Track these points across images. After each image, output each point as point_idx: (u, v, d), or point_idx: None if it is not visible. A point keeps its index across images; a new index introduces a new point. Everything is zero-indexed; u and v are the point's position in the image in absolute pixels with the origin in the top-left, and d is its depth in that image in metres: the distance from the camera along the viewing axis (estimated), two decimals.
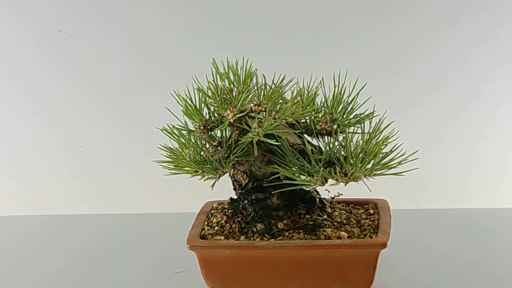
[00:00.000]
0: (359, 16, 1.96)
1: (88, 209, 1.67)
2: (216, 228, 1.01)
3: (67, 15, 1.92)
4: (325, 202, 1.04)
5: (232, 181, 1.02)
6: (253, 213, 0.99)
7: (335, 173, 0.93)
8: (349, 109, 1.01)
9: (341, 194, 1.10)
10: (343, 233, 0.97)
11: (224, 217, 1.03)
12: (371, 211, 1.06)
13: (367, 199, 1.11)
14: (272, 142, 0.91)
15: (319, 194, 1.04)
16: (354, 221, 1.02)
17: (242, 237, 0.98)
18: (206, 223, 1.03)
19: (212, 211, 1.07)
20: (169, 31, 1.94)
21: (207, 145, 0.96)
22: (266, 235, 0.97)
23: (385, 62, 1.99)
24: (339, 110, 1.01)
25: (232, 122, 0.93)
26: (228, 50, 1.04)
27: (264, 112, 0.94)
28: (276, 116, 0.93)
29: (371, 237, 0.96)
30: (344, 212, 1.04)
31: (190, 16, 1.93)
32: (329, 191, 1.09)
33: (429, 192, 1.99)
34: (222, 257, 0.96)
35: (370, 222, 1.02)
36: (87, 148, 1.96)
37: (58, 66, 1.93)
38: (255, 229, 0.98)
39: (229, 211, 1.03)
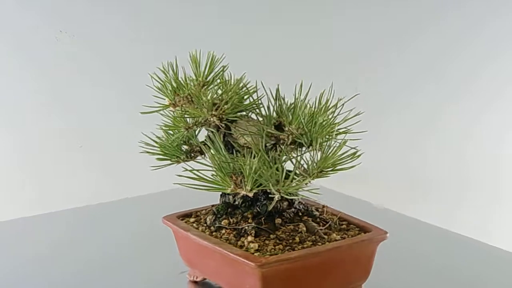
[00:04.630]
0: None
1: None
2: (204, 211, 1.08)
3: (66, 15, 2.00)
4: (288, 214, 0.98)
5: None
6: (217, 205, 1.03)
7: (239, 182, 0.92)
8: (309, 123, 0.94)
9: (340, 213, 1.03)
10: (254, 244, 0.93)
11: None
12: (343, 237, 0.96)
13: (372, 226, 0.99)
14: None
15: (292, 205, 0.99)
16: (298, 240, 0.95)
17: (195, 224, 1.03)
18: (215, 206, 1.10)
19: None
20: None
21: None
22: (212, 227, 1.00)
23: None
24: (294, 124, 0.95)
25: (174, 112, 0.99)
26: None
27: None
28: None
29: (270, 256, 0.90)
30: (305, 229, 0.97)
31: None
32: (326, 207, 1.03)
33: None
34: (181, 237, 1.04)
35: (309, 244, 0.94)
36: None
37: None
38: (206, 220, 1.02)
39: None
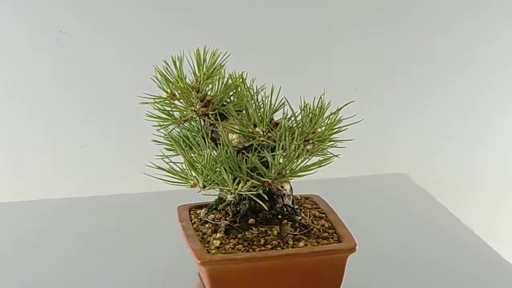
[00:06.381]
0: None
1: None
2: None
3: (66, 15, 1.91)
4: (266, 216, 0.98)
5: None
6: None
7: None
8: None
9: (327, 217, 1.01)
10: (216, 242, 0.95)
11: None
12: (313, 245, 0.95)
13: (348, 236, 0.97)
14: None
15: (274, 206, 0.99)
16: (262, 242, 0.95)
17: (194, 215, 1.07)
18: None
19: None
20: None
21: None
22: (202, 220, 1.04)
23: None
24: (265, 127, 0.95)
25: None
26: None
27: None
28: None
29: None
30: (277, 231, 0.96)
31: None
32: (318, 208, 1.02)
33: None
34: None
35: (268, 247, 0.94)
36: None
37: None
38: (200, 213, 1.05)
39: None
